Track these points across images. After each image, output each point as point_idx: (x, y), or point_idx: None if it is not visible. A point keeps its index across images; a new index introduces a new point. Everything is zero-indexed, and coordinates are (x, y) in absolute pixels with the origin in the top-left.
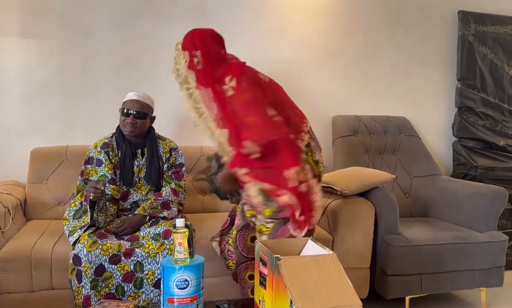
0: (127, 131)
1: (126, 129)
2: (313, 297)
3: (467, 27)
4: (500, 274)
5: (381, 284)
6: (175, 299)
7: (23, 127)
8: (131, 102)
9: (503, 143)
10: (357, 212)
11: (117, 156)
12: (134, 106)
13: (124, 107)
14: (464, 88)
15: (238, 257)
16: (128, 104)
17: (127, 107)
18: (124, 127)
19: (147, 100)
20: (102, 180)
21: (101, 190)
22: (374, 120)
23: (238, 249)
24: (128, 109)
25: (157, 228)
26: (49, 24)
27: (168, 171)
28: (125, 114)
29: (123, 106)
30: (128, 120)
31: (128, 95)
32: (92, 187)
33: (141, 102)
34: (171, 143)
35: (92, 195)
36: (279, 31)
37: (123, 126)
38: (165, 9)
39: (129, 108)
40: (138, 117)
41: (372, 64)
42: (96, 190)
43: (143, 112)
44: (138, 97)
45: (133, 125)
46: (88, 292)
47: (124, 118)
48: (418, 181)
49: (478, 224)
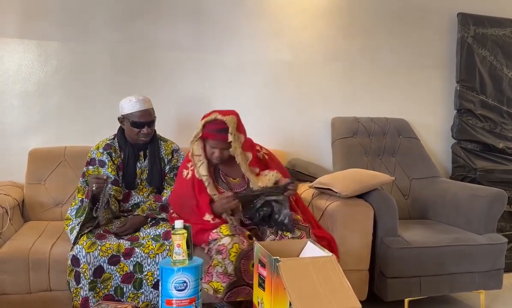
0: (143, 140)
1: (142, 139)
2: (312, 299)
3: (467, 29)
4: (499, 277)
5: (380, 286)
6: (173, 301)
7: (22, 128)
8: (141, 113)
9: (502, 145)
10: (356, 214)
11: (120, 158)
12: (145, 116)
13: (135, 120)
14: (463, 90)
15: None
16: (138, 116)
17: (140, 120)
18: (140, 137)
19: (150, 104)
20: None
21: (103, 180)
22: (373, 122)
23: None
24: (142, 121)
25: (158, 229)
26: (48, 25)
27: (170, 173)
28: (138, 126)
29: (132, 118)
30: (144, 131)
31: (130, 104)
32: (94, 177)
33: (148, 110)
34: (172, 144)
35: (95, 186)
36: (279, 33)
37: (137, 137)
38: (165, 10)
39: (141, 120)
40: (151, 125)
41: (371, 66)
42: (99, 181)
43: (153, 119)
44: (144, 105)
45: (149, 134)
46: (86, 293)
47: (138, 130)
48: (417, 183)
49: (477, 227)
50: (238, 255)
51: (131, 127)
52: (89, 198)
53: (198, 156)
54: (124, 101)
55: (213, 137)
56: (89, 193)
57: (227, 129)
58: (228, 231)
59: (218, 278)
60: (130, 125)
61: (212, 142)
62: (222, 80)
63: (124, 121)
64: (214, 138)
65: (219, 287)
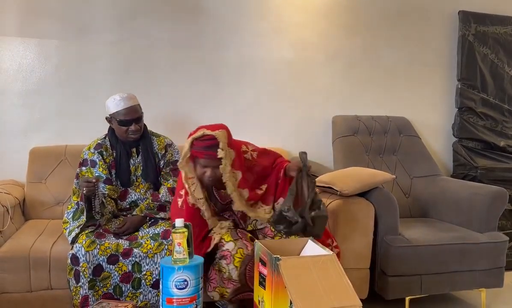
0: (133, 138)
1: (132, 136)
2: (313, 298)
3: (468, 27)
4: (500, 275)
5: (381, 284)
6: (174, 299)
7: (22, 127)
8: (127, 111)
9: (503, 144)
10: (356, 212)
11: (112, 156)
12: (131, 113)
13: (121, 119)
14: (464, 88)
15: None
16: (123, 114)
17: (126, 118)
18: (129, 135)
19: (135, 100)
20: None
21: (93, 183)
22: (374, 120)
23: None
24: (128, 119)
25: (156, 228)
26: (48, 23)
27: (166, 168)
28: (125, 124)
29: (119, 117)
30: (132, 128)
31: (115, 102)
32: (85, 181)
33: (134, 106)
34: (165, 139)
35: (85, 190)
36: (279, 31)
37: (126, 135)
38: (165, 9)
39: (129, 117)
40: (139, 122)
41: (372, 64)
42: (89, 184)
43: (141, 115)
44: (129, 103)
45: (138, 131)
46: (86, 292)
47: (126, 128)
48: (418, 181)
49: (478, 225)
50: (242, 261)
51: (119, 125)
52: (83, 201)
53: (191, 178)
54: (109, 100)
55: (203, 155)
56: (82, 196)
57: (217, 145)
58: (230, 237)
59: (223, 283)
60: (117, 124)
61: (202, 161)
62: (223, 79)
63: (112, 120)
64: (203, 156)
65: (224, 292)
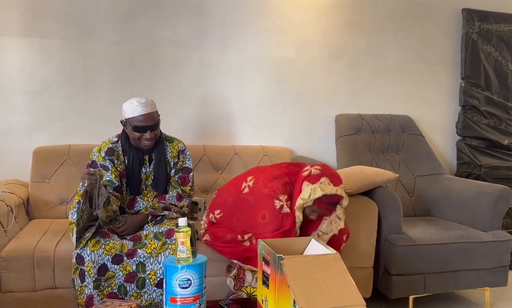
0: (147, 145)
1: (145, 144)
2: (316, 297)
3: (471, 25)
4: (504, 274)
5: (385, 283)
6: (177, 298)
7: (26, 126)
8: (144, 117)
9: (507, 142)
10: (360, 211)
11: (123, 164)
12: (148, 120)
13: (137, 125)
14: (468, 86)
15: None
16: (140, 120)
17: (142, 124)
18: (142, 142)
19: (153, 106)
20: (108, 185)
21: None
22: (378, 119)
23: None
24: (143, 126)
25: (161, 227)
26: (51, 23)
27: (175, 176)
28: (140, 130)
29: (134, 122)
30: (146, 136)
31: (132, 107)
32: (87, 173)
33: (151, 113)
34: (179, 144)
35: (87, 182)
36: (282, 30)
37: (139, 141)
38: (167, 8)
39: (143, 124)
40: (154, 129)
41: (375, 62)
42: (91, 177)
43: (157, 122)
44: (146, 109)
45: (153, 139)
46: (91, 291)
47: (140, 135)
48: (422, 180)
49: (482, 224)
50: None
51: (133, 131)
52: (85, 196)
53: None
54: (126, 104)
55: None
56: (84, 191)
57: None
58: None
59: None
60: (132, 129)
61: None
62: (226, 78)
63: (127, 124)
64: (325, 209)
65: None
